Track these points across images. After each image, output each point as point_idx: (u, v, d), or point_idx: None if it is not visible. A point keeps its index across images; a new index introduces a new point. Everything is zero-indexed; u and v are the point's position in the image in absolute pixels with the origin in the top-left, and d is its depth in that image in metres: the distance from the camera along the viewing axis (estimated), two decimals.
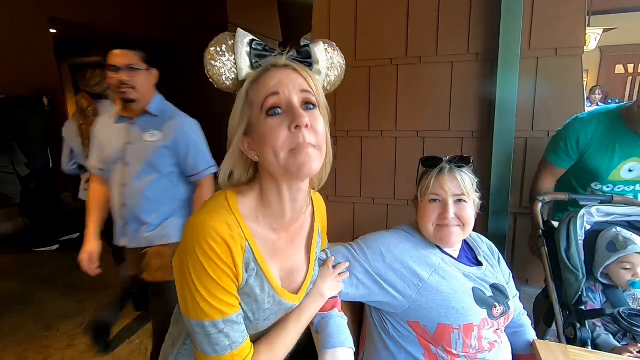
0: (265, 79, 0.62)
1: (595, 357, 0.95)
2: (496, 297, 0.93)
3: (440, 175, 0.93)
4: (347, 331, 0.77)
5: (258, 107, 0.61)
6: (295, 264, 0.74)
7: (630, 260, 1.19)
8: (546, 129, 1.97)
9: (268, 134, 0.60)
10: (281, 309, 0.71)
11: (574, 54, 1.87)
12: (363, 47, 2.20)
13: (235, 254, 0.61)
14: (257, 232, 0.65)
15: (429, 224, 0.93)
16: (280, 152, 0.60)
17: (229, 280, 0.61)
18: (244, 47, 0.62)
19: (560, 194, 1.55)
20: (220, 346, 0.61)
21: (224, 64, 0.61)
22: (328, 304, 0.80)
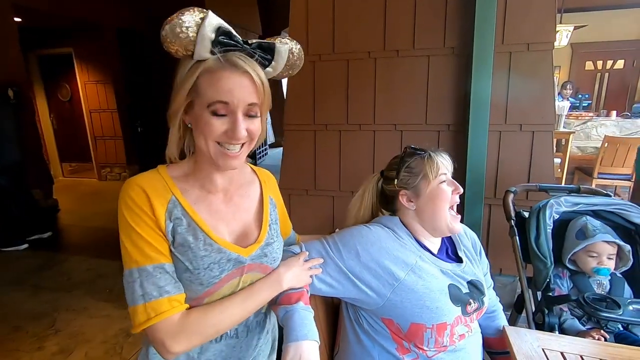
0: (220, 79, 0.63)
1: (562, 341, 0.98)
2: (472, 293, 0.93)
3: (436, 157, 0.94)
4: (312, 324, 0.75)
5: (204, 102, 0.64)
6: (246, 228, 0.77)
7: (596, 248, 1.24)
8: (519, 122, 2.02)
9: (206, 126, 0.65)
10: (227, 259, 0.71)
11: (545, 49, 1.92)
12: (341, 40, 2.19)
13: (155, 202, 0.66)
14: (186, 189, 0.71)
15: (446, 205, 0.91)
16: (211, 144, 0.66)
17: (151, 230, 0.65)
18: (209, 34, 0.61)
19: (530, 185, 1.60)
20: (135, 295, 0.64)
21: (183, 37, 0.60)
22: (293, 297, 0.78)
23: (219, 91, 0.63)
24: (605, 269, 1.22)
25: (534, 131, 2.00)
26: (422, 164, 0.94)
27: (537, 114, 1.97)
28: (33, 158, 3.98)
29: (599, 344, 0.97)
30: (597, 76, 6.82)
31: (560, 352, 0.93)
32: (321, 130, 2.30)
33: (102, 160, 5.89)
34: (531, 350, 0.93)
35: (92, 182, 5.93)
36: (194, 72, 0.63)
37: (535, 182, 1.91)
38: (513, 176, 2.04)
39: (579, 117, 4.61)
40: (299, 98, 2.31)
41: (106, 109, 5.62)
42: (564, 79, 6.55)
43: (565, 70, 6.97)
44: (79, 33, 5.26)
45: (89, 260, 3.13)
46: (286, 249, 0.90)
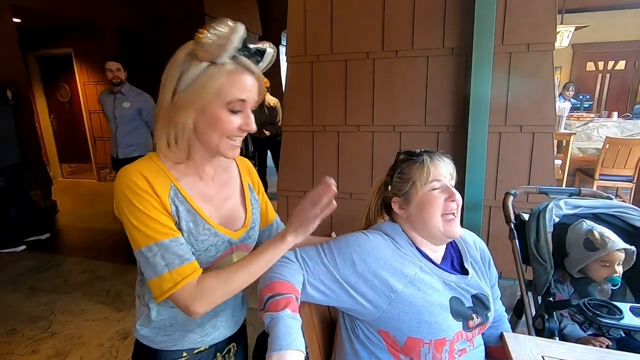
0: (239, 80, 0.70)
1: (562, 348, 0.96)
2: (475, 308, 0.88)
3: (433, 162, 0.88)
4: (297, 333, 0.71)
5: (223, 100, 0.70)
6: (233, 212, 0.84)
7: (609, 257, 1.20)
8: (519, 124, 2.00)
9: (223, 123, 0.71)
10: (222, 242, 0.79)
11: (545, 49, 1.90)
12: (339, 41, 2.17)
13: (157, 187, 0.71)
14: (181, 177, 0.76)
15: (437, 213, 0.86)
16: (223, 139, 0.73)
17: (154, 208, 0.70)
18: (238, 43, 0.68)
19: (530, 187, 1.57)
20: (158, 267, 0.69)
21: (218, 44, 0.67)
22: (280, 303, 0.74)
23: (240, 90, 0.70)
24: (618, 277, 1.19)
25: (534, 132, 1.98)
26: (413, 169, 0.89)
27: (537, 115, 1.95)
28: (32, 159, 3.97)
29: (600, 351, 0.95)
30: (598, 77, 6.79)
31: (560, 359, 0.91)
32: (319, 132, 2.28)
33: (101, 161, 5.88)
34: (530, 358, 0.91)
35: (91, 183, 5.92)
36: (216, 75, 0.69)
37: (536, 184, 1.89)
38: (513, 178, 2.01)
39: (580, 118, 4.59)
40: (297, 99, 2.29)
41: None
42: (565, 80, 6.53)
43: (567, 71, 6.94)
44: (78, 33, 5.26)
45: (87, 262, 3.12)
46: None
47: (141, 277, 0.83)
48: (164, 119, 0.72)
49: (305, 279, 0.84)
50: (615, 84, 6.67)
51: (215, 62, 0.68)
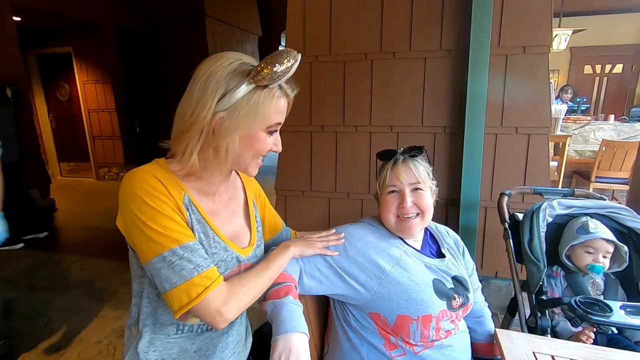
0: (280, 105, 0.72)
1: (553, 344, 0.98)
2: (456, 288, 0.95)
3: (395, 167, 0.95)
4: (301, 317, 0.75)
5: (267, 124, 0.71)
6: (238, 229, 0.83)
7: (594, 244, 1.24)
8: (515, 125, 2.02)
9: (261, 144, 0.73)
10: (231, 258, 0.77)
11: (541, 52, 1.92)
12: (338, 42, 2.19)
13: (172, 191, 0.68)
14: (190, 188, 0.73)
15: (389, 215, 0.95)
16: (254, 159, 0.74)
17: (173, 211, 0.67)
18: (292, 71, 0.69)
19: (525, 188, 1.59)
20: (186, 270, 0.64)
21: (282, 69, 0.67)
22: (282, 291, 0.78)
23: (279, 114, 0.73)
24: (600, 267, 1.22)
25: (530, 134, 2.00)
26: (381, 172, 0.99)
27: (533, 117, 1.97)
28: (30, 157, 3.98)
29: (590, 348, 0.97)
30: (595, 80, 6.83)
31: (551, 355, 0.92)
32: (317, 132, 2.30)
33: (100, 160, 5.89)
34: (522, 354, 0.93)
35: (90, 181, 5.93)
36: (269, 100, 0.69)
37: (531, 185, 1.91)
38: (509, 179, 2.04)
39: (577, 120, 4.62)
40: (295, 99, 2.30)
41: (105, 108, 5.62)
42: (563, 83, 6.57)
43: (565, 74, 6.98)
44: (78, 32, 5.27)
45: (85, 260, 3.12)
46: None
47: (137, 301, 0.76)
48: (194, 132, 0.67)
49: (302, 269, 0.89)
50: (612, 87, 6.72)
51: (267, 86, 0.68)
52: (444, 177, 2.12)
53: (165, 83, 5.89)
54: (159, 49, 5.70)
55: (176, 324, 0.76)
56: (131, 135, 5.74)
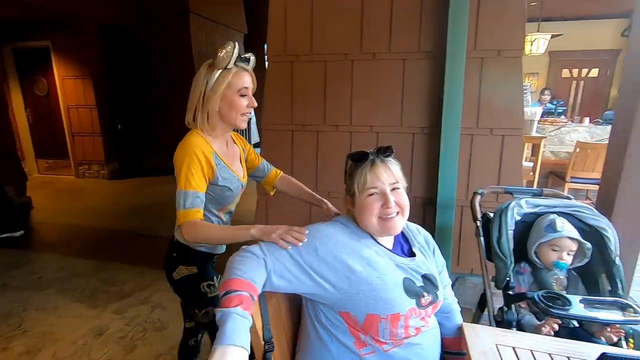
0: (243, 76, 1.14)
1: (515, 336, 1.03)
2: (426, 287, 0.96)
3: (373, 168, 0.95)
4: (244, 332, 0.75)
5: (236, 89, 1.13)
6: (239, 167, 1.28)
7: (560, 243, 1.30)
8: (490, 127, 2.08)
9: (237, 104, 1.14)
10: (239, 183, 1.24)
11: (514, 55, 1.99)
12: (319, 42, 2.21)
13: (207, 154, 1.11)
14: (213, 144, 1.16)
15: (372, 217, 0.94)
16: (238, 115, 1.16)
17: (200, 170, 1.08)
18: (237, 55, 1.11)
19: (497, 187, 1.65)
20: (183, 205, 1.06)
21: (227, 58, 1.10)
22: (233, 300, 0.78)
23: (243, 81, 1.13)
24: (564, 264, 1.28)
25: (504, 135, 2.07)
26: (356, 174, 0.97)
27: (507, 118, 2.04)
28: (5, 153, 3.86)
29: (549, 339, 1.02)
30: (572, 83, 7.05)
31: (512, 347, 0.97)
32: (299, 131, 2.32)
33: (80, 157, 5.75)
34: (486, 346, 0.97)
35: (69, 179, 5.79)
36: (226, 76, 1.11)
37: (505, 184, 1.97)
38: (484, 179, 2.10)
39: (554, 122, 4.76)
40: (277, 98, 2.32)
41: (85, 104, 5.49)
42: (542, 86, 6.75)
43: (544, 77, 7.18)
44: (56, 26, 5.13)
45: (63, 258, 3.06)
46: (245, 248, 0.92)
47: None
48: (197, 108, 1.13)
49: (269, 270, 0.88)
50: (589, 90, 6.95)
51: (227, 68, 1.10)
52: (421, 177, 2.17)
53: (149, 79, 5.81)
54: (142, 45, 5.61)
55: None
56: (112, 132, 5.63)
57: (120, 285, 2.61)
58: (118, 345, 2.00)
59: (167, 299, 2.37)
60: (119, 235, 3.59)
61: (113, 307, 2.35)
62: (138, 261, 2.96)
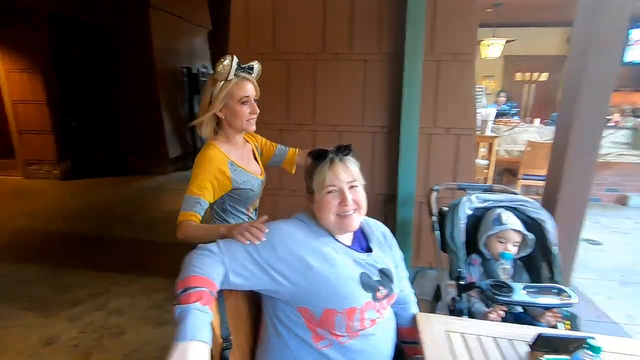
0: (243, 86, 1.22)
1: (464, 323, 1.09)
2: (382, 281, 0.99)
3: (332, 166, 0.98)
4: (204, 326, 0.76)
5: (237, 99, 1.22)
6: (255, 166, 1.38)
7: (506, 235, 1.40)
8: (446, 126, 2.18)
9: (240, 112, 1.24)
10: (257, 181, 1.34)
11: (467, 59, 2.09)
12: (281, 40, 2.21)
13: (222, 166, 1.22)
14: (230, 152, 1.28)
15: (330, 214, 0.97)
16: (243, 122, 1.25)
17: (209, 180, 1.19)
18: (235, 67, 1.19)
19: (451, 184, 1.74)
20: (185, 207, 1.17)
21: (226, 71, 1.19)
22: (192, 296, 0.78)
23: (244, 91, 1.23)
24: (509, 254, 1.38)
25: (459, 135, 2.17)
26: (316, 172, 0.99)
27: (461, 119, 2.15)
28: None
29: (494, 325, 1.09)
30: (525, 86, 7.50)
31: (461, 333, 1.03)
32: (261, 129, 2.30)
33: (28, 156, 5.37)
34: (437, 334, 1.02)
35: (15, 180, 5.38)
36: (226, 86, 1.21)
37: (460, 181, 2.08)
38: (440, 176, 2.20)
39: (508, 123, 5.05)
40: None
41: (33, 100, 5.12)
42: (498, 88, 7.13)
43: (499, 80, 7.59)
44: (3, 16, 4.75)
45: (7, 265, 2.85)
46: (202, 246, 0.92)
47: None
48: (206, 119, 1.24)
49: (227, 268, 0.89)
50: (539, 93, 7.43)
51: (227, 79, 1.20)
52: (382, 175, 2.23)
53: (107, 75, 5.52)
54: (99, 39, 5.33)
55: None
56: (65, 130, 5.30)
57: (74, 291, 2.47)
58: (71, 353, 1.90)
59: (125, 303, 2.28)
60: (71, 239, 3.40)
61: (66, 314, 2.23)
62: (93, 265, 2.82)
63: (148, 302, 2.30)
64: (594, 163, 2.06)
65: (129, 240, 3.34)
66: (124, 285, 2.49)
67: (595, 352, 0.78)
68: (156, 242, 3.27)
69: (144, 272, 2.64)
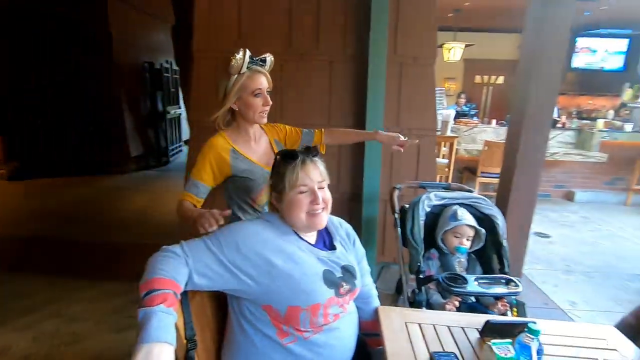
0: (256, 78, 1.26)
1: (421, 314, 1.16)
2: (345, 277, 1.03)
3: (304, 167, 1.00)
4: (169, 327, 0.76)
5: (250, 91, 1.26)
6: (269, 158, 1.35)
7: (460, 230, 1.49)
8: (408, 127, 2.27)
9: (254, 104, 1.28)
10: (263, 172, 1.32)
11: (428, 63, 2.19)
12: (247, 39, 2.20)
13: (223, 152, 1.29)
14: (237, 141, 1.33)
15: (301, 213, 0.99)
16: (256, 114, 1.30)
17: (209, 169, 1.27)
18: (248, 60, 1.24)
19: (412, 182, 1.82)
20: (187, 187, 1.28)
21: (239, 65, 1.23)
22: (156, 299, 0.78)
23: (256, 83, 1.27)
24: (464, 248, 1.48)
25: (421, 135, 2.26)
26: (286, 171, 1.00)
27: (422, 120, 2.24)
28: None
29: (449, 315, 1.17)
30: (483, 89, 7.91)
31: (418, 323, 1.09)
32: None
33: None
34: (396, 325, 1.08)
35: None
36: (240, 79, 1.25)
37: (422, 180, 2.17)
38: (403, 175, 2.29)
39: (467, 123, 5.30)
40: (205, 93, 2.26)
41: None
42: (459, 90, 7.46)
43: (460, 82, 7.95)
44: None
45: None
46: (165, 248, 0.91)
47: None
48: (220, 111, 1.28)
49: (191, 269, 0.89)
50: (496, 95, 7.86)
51: (240, 73, 1.24)
52: (348, 174, 2.28)
53: (64, 69, 5.18)
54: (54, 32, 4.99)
55: None
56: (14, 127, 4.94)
57: (27, 298, 2.33)
58: None
59: (83, 309, 2.18)
60: (23, 243, 3.18)
61: (17, 323, 2.10)
62: (48, 270, 2.66)
63: (108, 306, 2.21)
64: (542, 161, 2.23)
65: (87, 243, 3.18)
66: (82, 290, 2.37)
67: (535, 335, 0.86)
68: (116, 244, 3.14)
69: (103, 276, 2.53)
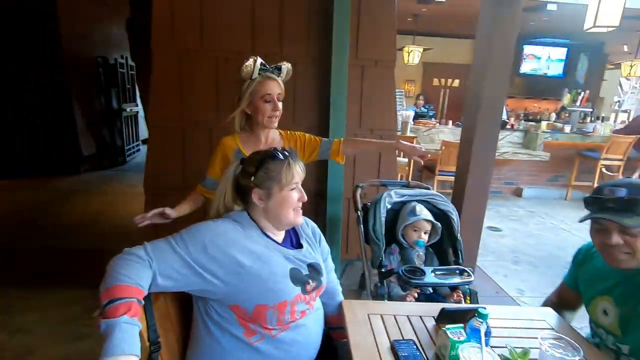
0: (266, 84, 1.34)
1: (382, 306, 1.22)
2: (311, 274, 1.06)
3: (293, 166, 1.03)
4: (133, 339, 0.76)
5: (259, 96, 1.35)
6: None
7: (419, 225, 1.58)
8: (370, 127, 2.35)
9: (263, 109, 1.37)
10: None
11: (388, 66, 2.28)
12: (210, 37, 2.17)
13: (227, 150, 1.43)
14: (246, 143, 1.44)
15: (290, 209, 1.03)
16: (265, 118, 1.38)
17: (217, 164, 1.43)
18: (259, 67, 1.33)
19: (374, 181, 1.89)
20: (201, 178, 1.46)
21: (249, 71, 1.33)
22: (120, 309, 0.77)
23: (267, 89, 1.35)
24: (422, 241, 1.57)
25: (381, 135, 2.36)
26: (280, 169, 1.02)
27: (382, 120, 2.33)
28: None
29: (408, 305, 1.24)
30: (441, 91, 8.29)
31: (380, 314, 1.15)
32: (190, 128, 2.24)
33: None
34: (360, 317, 1.13)
35: None
36: (251, 85, 1.34)
37: (383, 178, 2.26)
38: (366, 174, 2.36)
39: (426, 124, 5.54)
40: (165, 93, 2.20)
41: None
42: (418, 92, 7.77)
43: (419, 85, 8.28)
44: None
45: None
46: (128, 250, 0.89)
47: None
48: (236, 114, 1.40)
49: (155, 271, 0.87)
50: (453, 97, 8.26)
51: (252, 78, 1.34)
52: (313, 174, 2.32)
53: (10, 62, 4.77)
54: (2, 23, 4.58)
55: None
56: None
57: None
58: None
59: (34, 320, 2.04)
60: None
61: None
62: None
63: (61, 316, 2.08)
64: (493, 160, 2.40)
65: (36, 249, 2.97)
66: (32, 299, 2.22)
67: (483, 319, 0.94)
68: (69, 249, 2.96)
69: (55, 283, 2.38)
